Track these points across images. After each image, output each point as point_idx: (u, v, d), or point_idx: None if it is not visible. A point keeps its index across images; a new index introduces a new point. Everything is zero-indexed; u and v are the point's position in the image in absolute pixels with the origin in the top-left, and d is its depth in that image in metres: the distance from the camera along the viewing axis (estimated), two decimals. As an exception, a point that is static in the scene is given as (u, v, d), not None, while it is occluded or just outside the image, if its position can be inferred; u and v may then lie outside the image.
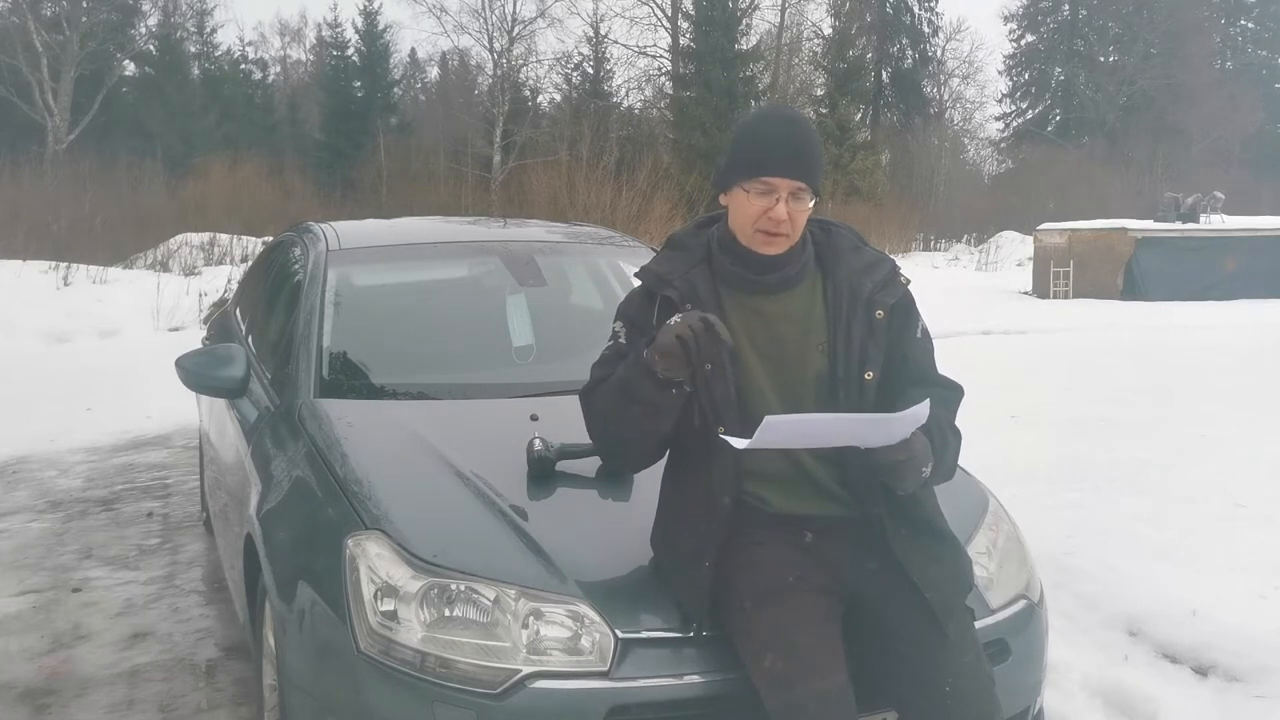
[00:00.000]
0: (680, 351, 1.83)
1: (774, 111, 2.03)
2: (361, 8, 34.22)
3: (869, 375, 1.96)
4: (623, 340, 2.05)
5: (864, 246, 2.09)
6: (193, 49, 34.04)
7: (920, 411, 1.81)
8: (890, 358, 2.01)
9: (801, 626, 1.84)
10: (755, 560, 1.93)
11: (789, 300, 2.01)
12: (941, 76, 42.06)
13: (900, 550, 1.93)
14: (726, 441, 1.82)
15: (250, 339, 3.86)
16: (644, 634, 1.91)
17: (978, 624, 2.01)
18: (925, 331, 2.09)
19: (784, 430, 1.79)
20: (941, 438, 1.94)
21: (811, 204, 1.96)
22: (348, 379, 2.96)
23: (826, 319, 1.99)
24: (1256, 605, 3.41)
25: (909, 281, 2.08)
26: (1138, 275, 17.01)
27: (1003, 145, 44.95)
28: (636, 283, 2.12)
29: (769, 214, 1.91)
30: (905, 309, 2.05)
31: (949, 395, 2.07)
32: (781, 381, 1.98)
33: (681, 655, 1.91)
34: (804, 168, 1.93)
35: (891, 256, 2.11)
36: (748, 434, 1.81)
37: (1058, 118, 43.24)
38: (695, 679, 1.88)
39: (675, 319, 1.87)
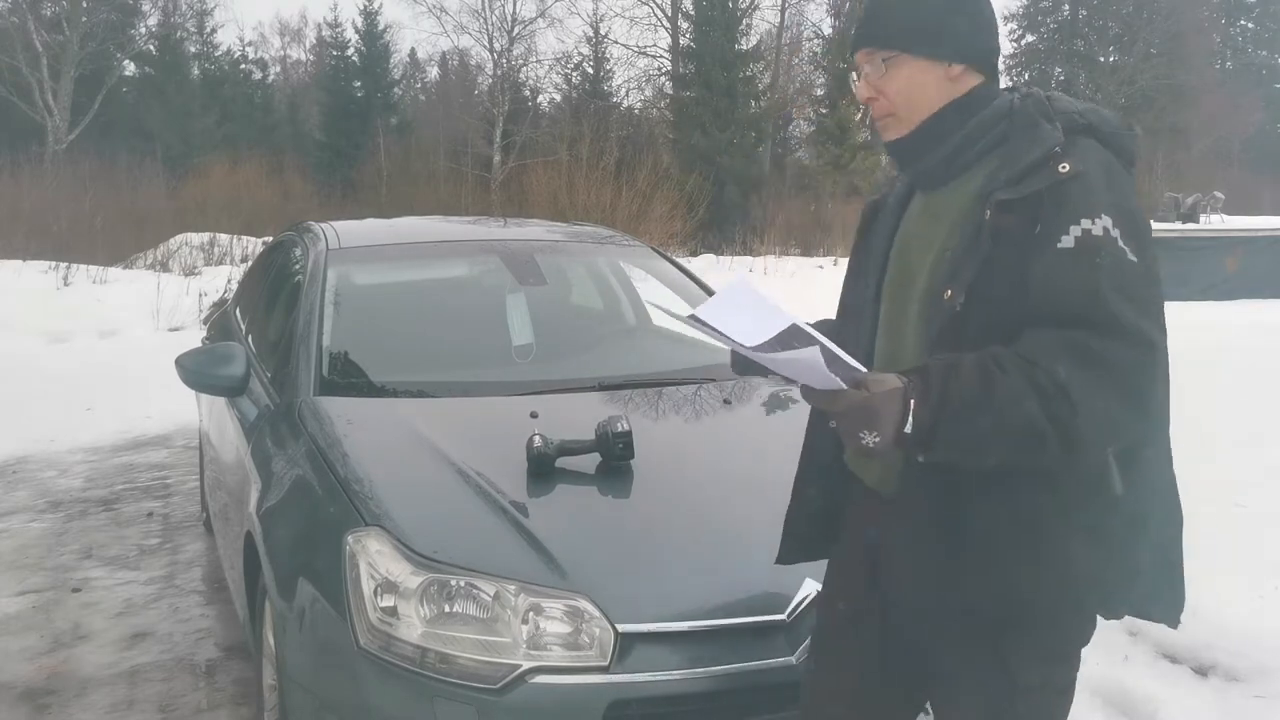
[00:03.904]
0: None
1: None
2: (361, 8, 34.31)
3: (947, 293, 1.43)
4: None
5: (1043, 122, 1.45)
6: (193, 49, 34.04)
7: (804, 357, 1.20)
8: (999, 275, 1.39)
9: (839, 684, 1.67)
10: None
11: (944, 198, 1.55)
12: (942, 77, 42.04)
13: (974, 553, 1.47)
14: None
15: (250, 338, 3.86)
16: (644, 629, 1.91)
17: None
18: (1087, 245, 1.33)
19: (725, 311, 1.35)
20: (981, 395, 1.29)
21: (892, 62, 1.49)
22: (348, 377, 2.96)
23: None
24: (1256, 605, 3.40)
25: (1066, 169, 1.38)
26: (1138, 275, 16.98)
27: (1003, 145, 44.90)
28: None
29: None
30: (1047, 205, 1.37)
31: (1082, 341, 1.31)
32: (901, 296, 1.57)
33: (681, 650, 1.91)
34: (864, 30, 1.53)
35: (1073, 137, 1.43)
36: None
37: (1058, 118, 43.24)
38: (695, 673, 1.89)
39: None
